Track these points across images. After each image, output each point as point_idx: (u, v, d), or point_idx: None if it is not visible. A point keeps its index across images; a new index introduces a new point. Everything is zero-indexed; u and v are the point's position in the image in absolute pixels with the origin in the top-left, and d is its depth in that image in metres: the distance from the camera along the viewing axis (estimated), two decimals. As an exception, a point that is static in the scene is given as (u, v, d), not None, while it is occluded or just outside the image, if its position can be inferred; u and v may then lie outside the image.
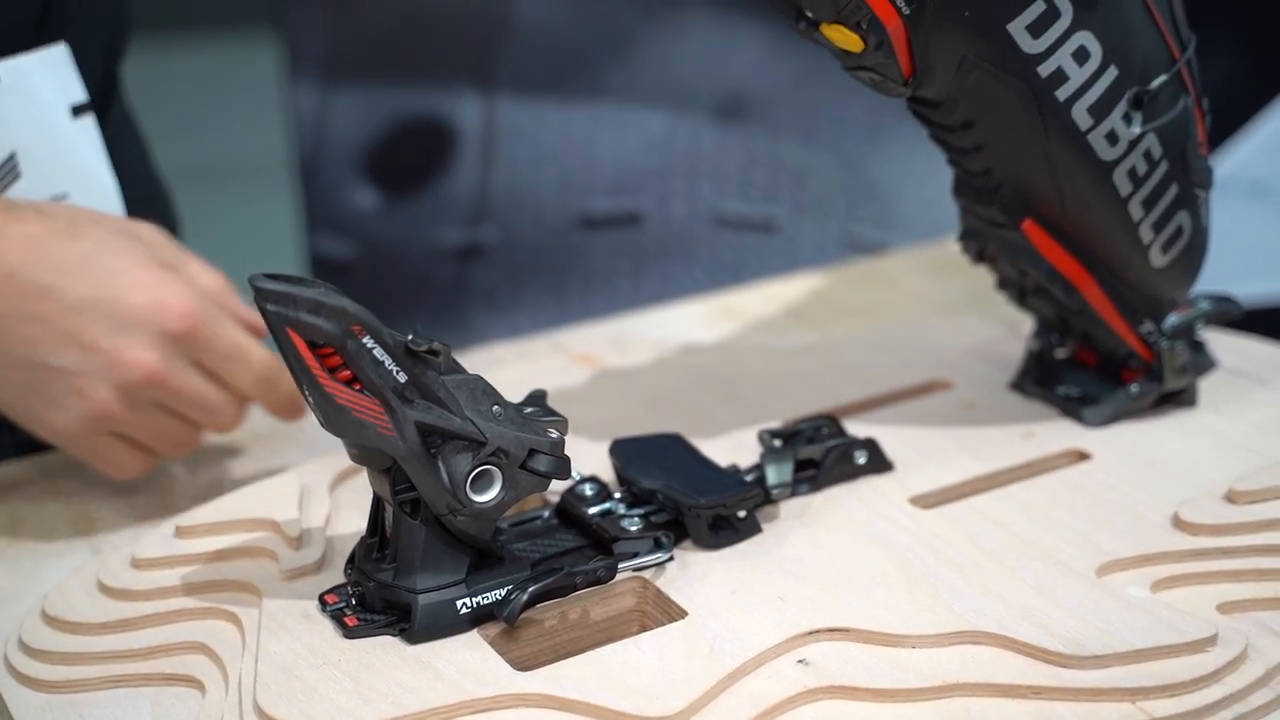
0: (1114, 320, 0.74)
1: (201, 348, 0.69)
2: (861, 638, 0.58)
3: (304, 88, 1.69)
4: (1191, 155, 0.71)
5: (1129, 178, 0.69)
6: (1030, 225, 0.71)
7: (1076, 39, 0.65)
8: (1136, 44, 0.67)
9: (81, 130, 0.74)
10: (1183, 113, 0.70)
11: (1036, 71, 0.65)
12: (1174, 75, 0.69)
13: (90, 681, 0.59)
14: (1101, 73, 0.66)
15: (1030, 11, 0.64)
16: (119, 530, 0.71)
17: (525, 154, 1.66)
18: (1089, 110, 0.67)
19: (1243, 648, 0.57)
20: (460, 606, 0.59)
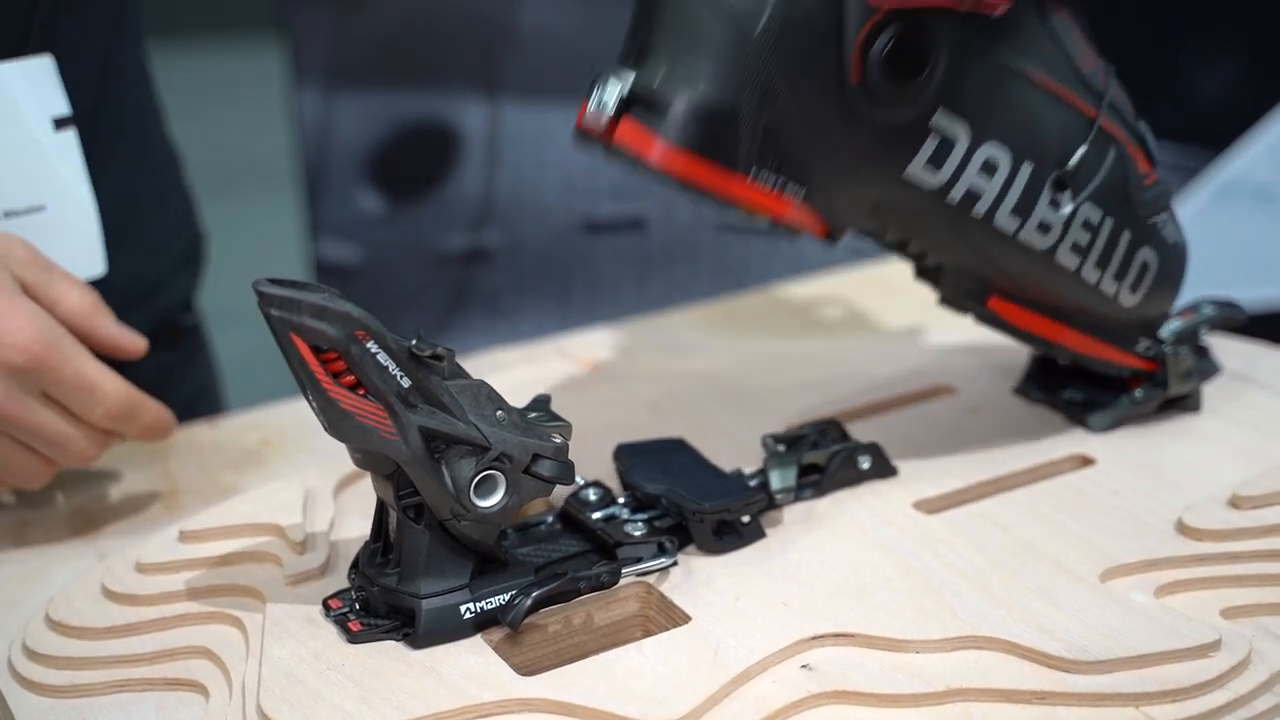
0: (1105, 353, 0.73)
1: (47, 381, 0.66)
2: (865, 642, 0.58)
3: (309, 93, 1.69)
4: (1136, 195, 0.70)
5: (1073, 252, 0.68)
6: (996, 302, 0.70)
7: (980, 155, 0.64)
8: (1044, 130, 0.66)
9: (62, 143, 0.74)
10: (1115, 163, 0.68)
11: (946, 201, 0.64)
12: (1094, 138, 0.67)
13: (94, 686, 0.59)
14: (1015, 175, 0.65)
15: (924, 151, 0.63)
16: (123, 535, 0.71)
17: (529, 159, 1.66)
18: (1012, 213, 0.66)
19: (1246, 653, 0.57)
20: (464, 611, 0.59)
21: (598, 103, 0.59)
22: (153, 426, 0.71)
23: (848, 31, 0.59)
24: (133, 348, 0.72)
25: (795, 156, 0.60)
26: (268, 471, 0.77)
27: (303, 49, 1.71)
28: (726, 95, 0.58)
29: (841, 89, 0.60)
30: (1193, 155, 1.42)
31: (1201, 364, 0.77)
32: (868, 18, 0.59)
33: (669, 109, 0.58)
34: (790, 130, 0.60)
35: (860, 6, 0.59)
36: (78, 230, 0.75)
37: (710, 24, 0.58)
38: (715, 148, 0.59)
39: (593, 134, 0.60)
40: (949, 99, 0.62)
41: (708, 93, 0.58)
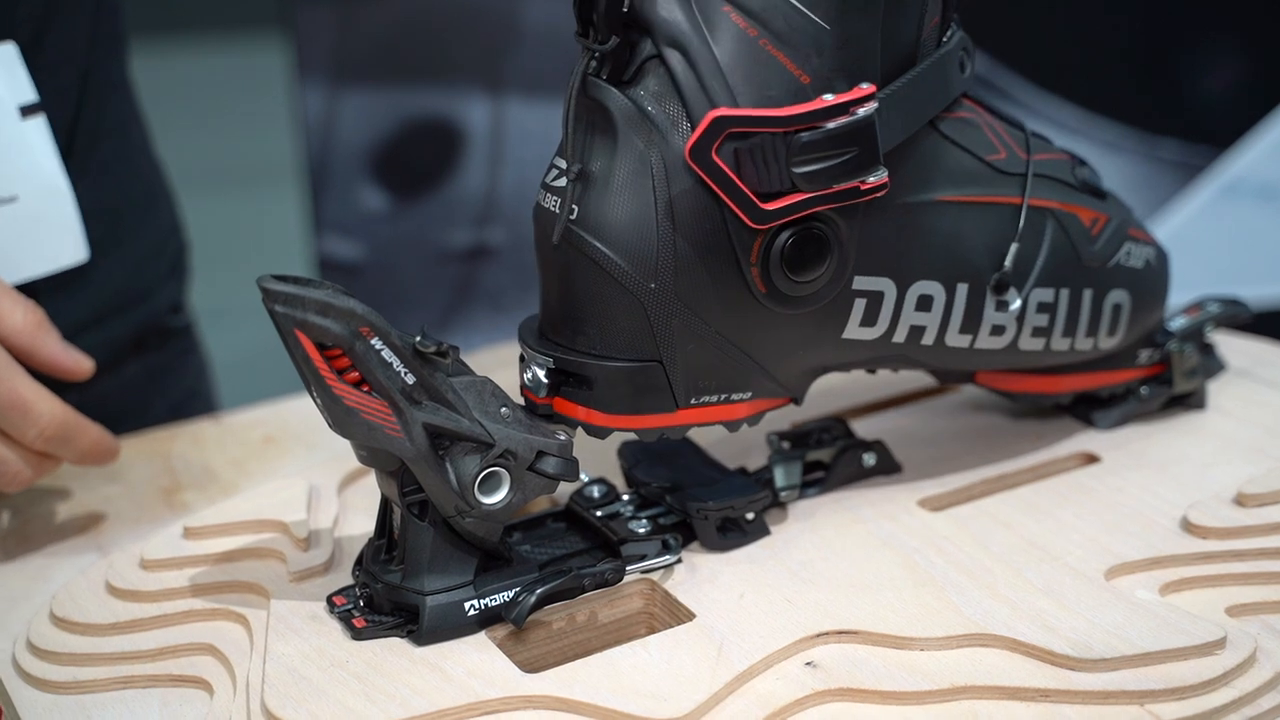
0: (1108, 381, 0.73)
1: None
2: (869, 640, 0.58)
3: (312, 89, 1.69)
4: (1087, 251, 0.68)
5: (1035, 336, 0.67)
6: (984, 378, 0.70)
7: (911, 296, 0.63)
8: (970, 244, 0.64)
9: (32, 131, 0.73)
10: (1054, 236, 0.67)
11: (892, 344, 0.64)
12: (1025, 223, 0.66)
13: (98, 682, 0.59)
14: (953, 300, 0.64)
15: (854, 316, 0.63)
16: (127, 531, 0.71)
17: (533, 156, 1.66)
18: (961, 333, 0.65)
19: (1251, 650, 0.57)
20: (468, 608, 0.59)
21: (531, 378, 0.61)
22: (91, 450, 0.70)
23: (740, 255, 0.59)
24: (76, 368, 0.70)
25: (729, 371, 0.61)
26: (271, 468, 0.77)
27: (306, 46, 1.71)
28: (644, 353, 0.60)
29: (754, 301, 0.60)
30: (1197, 153, 1.42)
31: (1207, 362, 0.77)
32: (754, 239, 0.59)
33: (593, 382, 0.60)
34: (716, 353, 0.61)
35: (743, 232, 0.59)
36: (55, 219, 0.74)
37: (605, 290, 0.59)
38: (648, 401, 0.60)
39: (534, 401, 0.61)
40: (862, 263, 0.62)
41: (626, 357, 0.60)
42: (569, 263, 0.60)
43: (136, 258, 0.88)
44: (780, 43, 0.58)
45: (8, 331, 0.68)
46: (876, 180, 0.60)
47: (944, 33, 0.64)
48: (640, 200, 0.58)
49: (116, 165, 0.86)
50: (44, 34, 0.77)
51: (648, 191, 0.58)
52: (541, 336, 0.62)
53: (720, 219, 0.59)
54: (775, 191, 0.58)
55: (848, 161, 0.59)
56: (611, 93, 0.59)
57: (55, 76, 0.78)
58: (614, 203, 0.58)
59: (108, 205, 0.84)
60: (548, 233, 0.60)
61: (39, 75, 0.75)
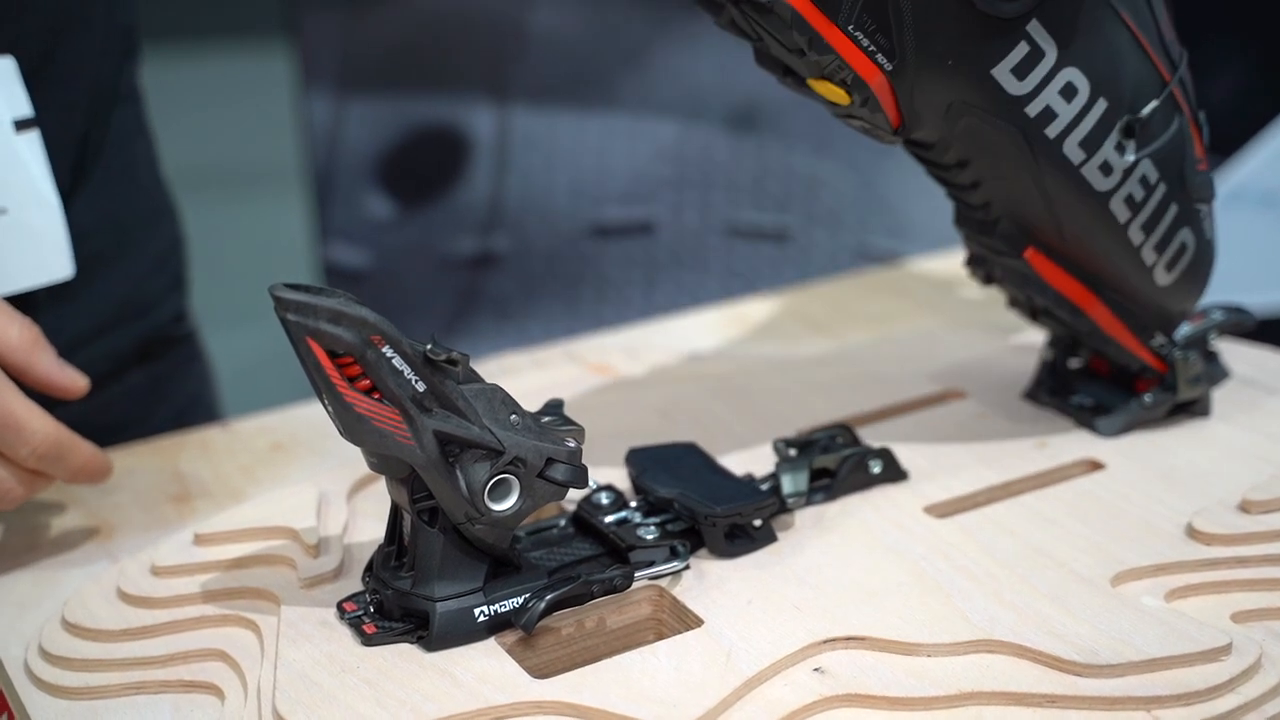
0: (1124, 337, 0.74)
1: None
2: (877, 646, 0.58)
3: (318, 97, 1.69)
4: (1190, 173, 0.71)
5: (1126, 205, 0.69)
6: (1033, 253, 0.71)
7: (1063, 76, 0.65)
8: (1124, 73, 0.67)
9: (25, 145, 0.73)
10: (1177, 133, 0.70)
11: (1024, 112, 0.65)
12: (1166, 99, 0.69)
13: (109, 688, 0.59)
14: (1091, 106, 0.66)
15: (1014, 55, 0.64)
16: (138, 537, 0.71)
17: (538, 163, 1.66)
18: (1080, 144, 0.67)
19: (1257, 657, 0.57)
20: (478, 614, 0.59)
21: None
22: (84, 469, 0.69)
23: None
24: (72, 386, 0.69)
25: (894, 26, 0.62)
26: (281, 475, 0.77)
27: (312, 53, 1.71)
28: None
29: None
30: (1201, 160, 1.42)
31: (1211, 369, 0.78)
32: None
33: None
34: None
35: None
36: (43, 233, 0.74)
37: None
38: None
39: None
40: (1045, 12, 0.63)
41: None
42: None
43: (140, 271, 0.88)
44: None
45: (2, 349, 0.67)
46: None
47: None
48: None
49: (123, 178, 0.86)
50: (55, 47, 0.77)
51: None
52: None
53: None
54: None
55: None
56: None
57: (66, 89, 0.78)
58: None
59: (113, 218, 0.84)
60: None
61: (49, 88, 0.76)
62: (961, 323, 0.94)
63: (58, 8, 0.78)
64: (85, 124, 0.81)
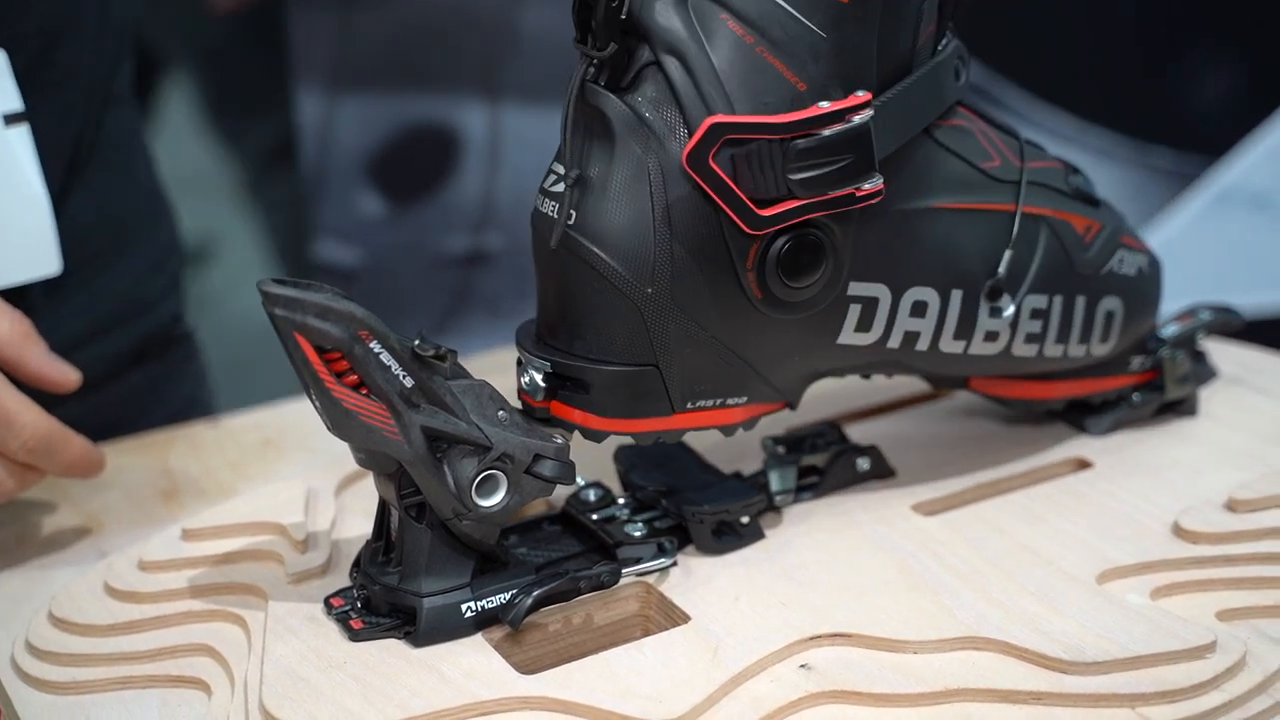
0: (1101, 385, 0.74)
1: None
2: (863, 643, 0.58)
3: (308, 94, 1.69)
4: (1080, 258, 0.69)
5: (1028, 343, 0.68)
6: (977, 384, 0.71)
7: (905, 302, 0.64)
8: (963, 251, 0.65)
9: (14, 139, 0.72)
10: (1048, 244, 0.67)
11: (887, 349, 0.65)
12: (1019, 230, 0.66)
13: (97, 683, 0.59)
14: (947, 306, 0.65)
15: (849, 319, 0.63)
16: (125, 533, 0.71)
17: (530, 161, 1.66)
18: (955, 339, 0.66)
19: (1241, 654, 0.57)
20: (465, 610, 0.59)
21: (528, 382, 0.62)
22: (76, 463, 0.69)
23: (736, 260, 0.60)
24: (63, 380, 0.69)
25: (725, 376, 0.62)
26: (269, 471, 0.77)
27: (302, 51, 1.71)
28: (641, 357, 0.60)
29: (750, 307, 0.61)
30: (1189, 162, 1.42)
31: (1198, 369, 0.78)
32: (750, 244, 0.60)
33: (590, 386, 0.60)
34: (713, 358, 0.61)
35: (740, 238, 0.59)
36: (31, 228, 0.73)
37: (603, 295, 0.59)
38: (645, 405, 0.61)
39: (532, 405, 0.62)
40: (857, 269, 0.62)
41: (623, 362, 0.60)
42: (566, 268, 0.60)
43: (138, 272, 0.88)
44: (777, 50, 0.58)
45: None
46: (872, 187, 0.60)
47: (939, 41, 0.64)
48: (637, 206, 0.59)
49: (120, 178, 0.86)
50: (52, 48, 0.77)
51: (645, 197, 0.59)
52: (539, 341, 0.63)
53: (717, 225, 0.59)
54: (771, 198, 0.59)
55: (844, 168, 0.59)
56: (609, 99, 0.59)
57: (62, 90, 0.78)
58: (611, 208, 0.59)
59: (111, 218, 0.84)
60: (545, 238, 0.61)
61: (46, 88, 0.76)
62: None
63: (54, 9, 0.77)
64: (81, 124, 0.81)
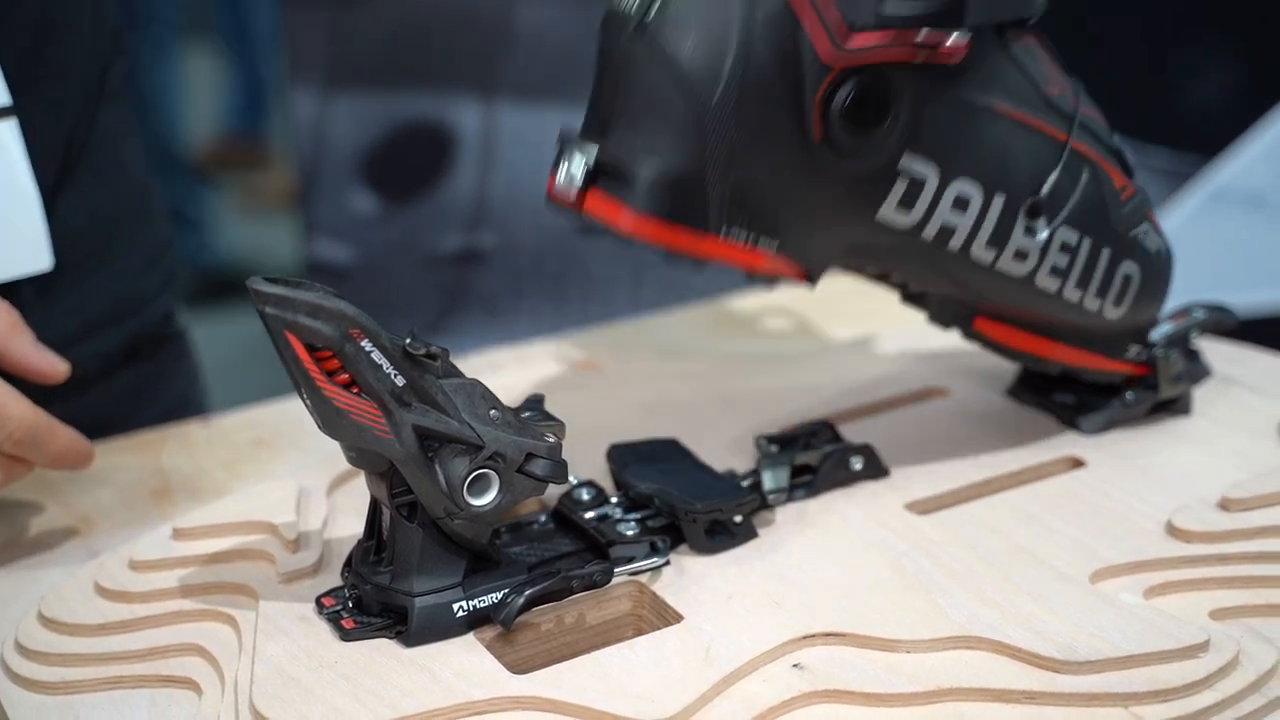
0: (1095, 363, 0.74)
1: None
2: (856, 642, 0.58)
3: (303, 92, 1.69)
4: (1114, 211, 0.70)
5: (1052, 275, 0.68)
6: (981, 322, 0.71)
7: (951, 191, 0.64)
8: (1014, 160, 0.66)
9: (3, 133, 0.72)
10: (1089, 184, 0.68)
11: (921, 238, 0.65)
12: (1066, 161, 0.67)
13: (86, 683, 0.59)
14: (988, 208, 0.65)
15: (894, 194, 0.63)
16: (116, 532, 0.71)
17: (525, 160, 1.66)
18: (988, 245, 0.66)
19: (1234, 654, 0.57)
20: (457, 610, 0.59)
21: (565, 175, 0.61)
22: (63, 454, 0.68)
23: (805, 91, 0.59)
24: (51, 371, 0.68)
25: (765, 212, 0.61)
26: (261, 470, 0.77)
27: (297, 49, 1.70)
28: (690, 163, 0.59)
29: (806, 146, 0.60)
30: (1185, 161, 1.42)
31: (1192, 367, 0.78)
32: (823, 76, 0.59)
33: (634, 179, 0.59)
34: (757, 189, 0.60)
35: (816, 66, 0.59)
36: (20, 224, 0.73)
37: (669, 93, 0.59)
38: (683, 212, 0.60)
39: (563, 203, 0.61)
40: (915, 141, 0.62)
41: (671, 161, 0.59)
42: (636, 60, 0.59)
43: (131, 270, 0.87)
44: None
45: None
46: (956, 42, 0.60)
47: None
48: (723, 12, 0.58)
49: (113, 176, 0.86)
50: (44, 45, 0.77)
51: (732, 6, 0.58)
52: (585, 134, 0.62)
53: (795, 49, 0.58)
54: (860, 25, 0.59)
55: (935, 13, 0.60)
56: None
57: (55, 87, 0.78)
58: (696, 7, 0.58)
59: (104, 216, 0.84)
60: (617, 31, 0.60)
61: (39, 85, 0.75)
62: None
63: (47, 5, 0.77)
64: (73, 121, 0.81)
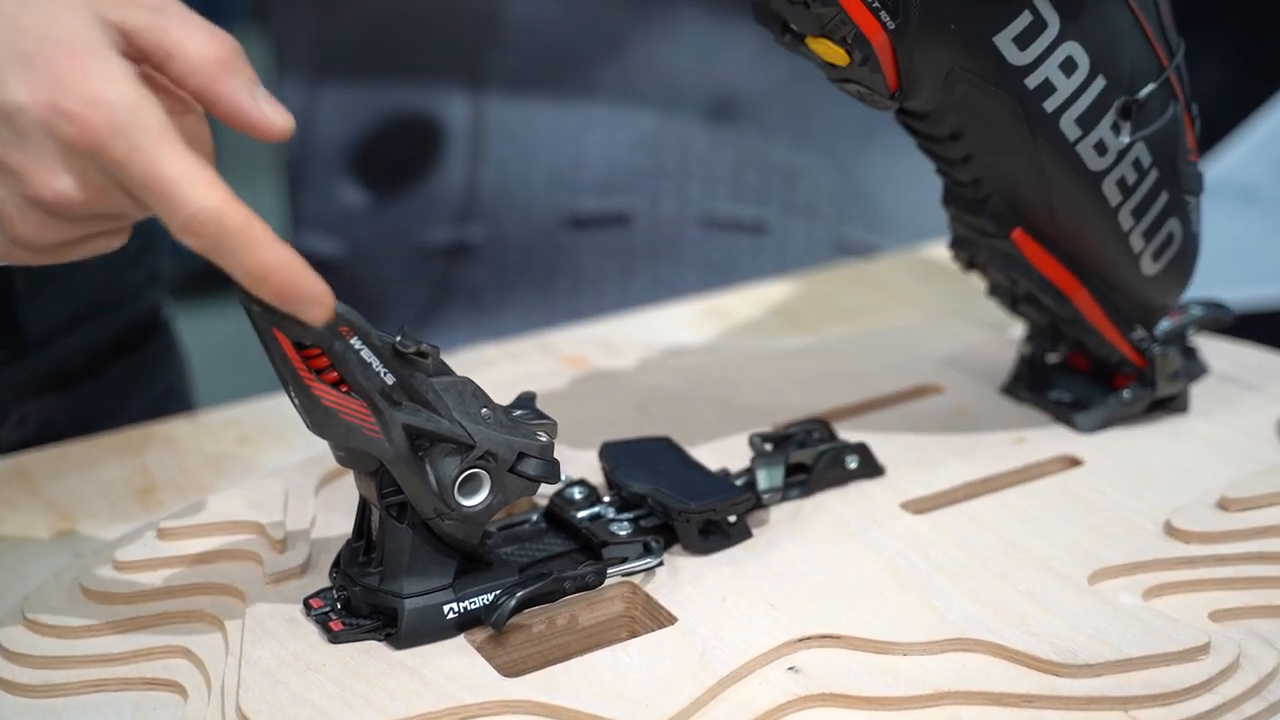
0: (1106, 328, 0.74)
1: (115, 170, 0.50)
2: (852, 644, 0.58)
3: (290, 83, 1.68)
4: (1181, 162, 0.71)
5: (1118, 187, 0.69)
6: (1020, 235, 0.71)
7: (1064, 49, 0.65)
8: (1124, 53, 0.67)
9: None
10: (1172, 120, 0.70)
11: (1024, 83, 0.65)
12: (1163, 83, 0.68)
13: (70, 686, 0.58)
14: (1089, 83, 0.66)
15: (1017, 23, 0.63)
16: (100, 532, 0.70)
17: (514, 153, 1.65)
18: (1077, 121, 0.67)
19: (1235, 656, 0.56)
20: (447, 611, 0.58)
21: None
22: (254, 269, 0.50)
23: None
24: (266, 126, 0.53)
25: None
26: (247, 468, 0.76)
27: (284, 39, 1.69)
28: None
29: None
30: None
31: (1189, 365, 0.77)
32: None
33: None
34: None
35: None
36: None
37: None
38: None
39: None
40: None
41: None
42: None
43: (118, 263, 0.87)
44: None
45: (181, 72, 0.52)
46: None
47: None
48: None
49: None
50: None
51: None
52: None
53: None
54: None
55: None
56: None
57: None
58: None
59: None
60: None
61: None
62: (939, 317, 0.93)
63: None
64: None
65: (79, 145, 0.49)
